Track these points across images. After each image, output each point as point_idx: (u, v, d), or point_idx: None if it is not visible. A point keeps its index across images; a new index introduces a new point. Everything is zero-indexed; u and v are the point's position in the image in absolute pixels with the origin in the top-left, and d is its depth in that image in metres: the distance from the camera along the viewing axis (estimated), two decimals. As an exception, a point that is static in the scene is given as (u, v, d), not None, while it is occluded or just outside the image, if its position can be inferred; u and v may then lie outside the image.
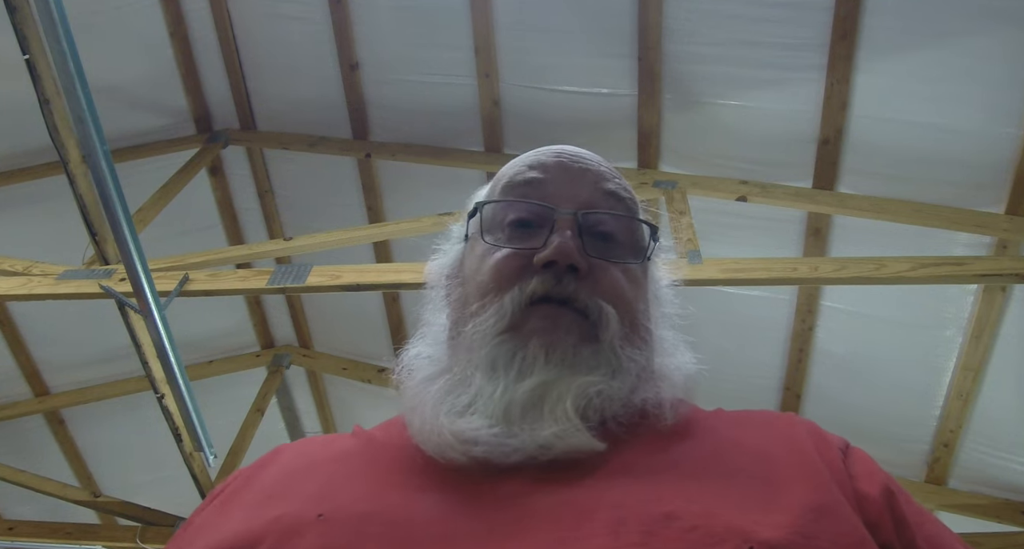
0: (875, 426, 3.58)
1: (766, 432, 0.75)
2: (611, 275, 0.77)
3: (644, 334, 0.78)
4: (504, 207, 0.80)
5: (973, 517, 3.51)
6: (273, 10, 3.62)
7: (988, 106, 2.78)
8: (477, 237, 0.81)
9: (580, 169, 0.81)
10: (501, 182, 0.83)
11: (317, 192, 4.16)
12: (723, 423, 0.77)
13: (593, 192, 0.80)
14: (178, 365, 2.80)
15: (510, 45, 3.37)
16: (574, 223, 0.76)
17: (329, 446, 0.79)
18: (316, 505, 0.66)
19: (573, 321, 0.74)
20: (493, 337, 0.73)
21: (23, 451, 4.56)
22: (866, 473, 0.72)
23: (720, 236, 3.35)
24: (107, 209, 2.43)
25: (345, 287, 2.90)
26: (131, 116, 3.81)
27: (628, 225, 0.81)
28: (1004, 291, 3.03)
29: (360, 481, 0.70)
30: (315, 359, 4.83)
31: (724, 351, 3.77)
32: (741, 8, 2.94)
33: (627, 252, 0.80)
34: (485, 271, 0.77)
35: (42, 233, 3.80)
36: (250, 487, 0.74)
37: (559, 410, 0.68)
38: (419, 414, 0.72)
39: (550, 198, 0.78)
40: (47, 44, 2.21)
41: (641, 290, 0.80)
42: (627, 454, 0.69)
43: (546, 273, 0.74)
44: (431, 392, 0.74)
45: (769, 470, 0.68)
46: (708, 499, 0.63)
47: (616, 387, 0.72)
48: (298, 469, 0.74)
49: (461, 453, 0.67)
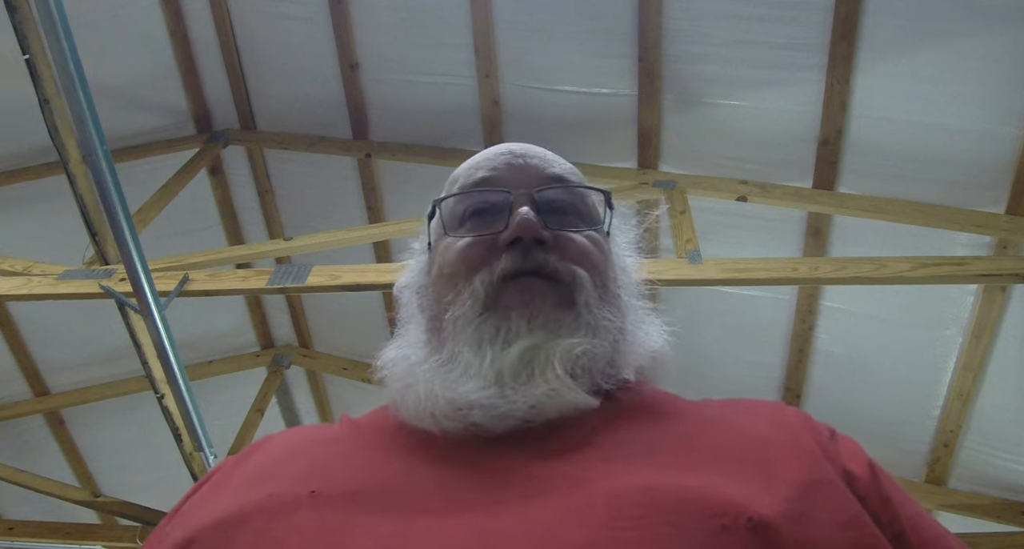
0: (875, 426, 3.58)
1: (756, 415, 0.76)
2: (576, 242, 0.79)
3: (615, 299, 0.81)
4: (461, 200, 0.83)
5: (973, 517, 3.51)
6: (273, 10, 3.62)
7: (988, 106, 2.78)
8: (441, 237, 0.83)
9: (524, 163, 0.84)
10: (455, 185, 0.86)
11: (317, 192, 4.16)
12: (713, 406, 0.79)
13: (543, 175, 0.83)
14: (178, 365, 2.80)
15: (510, 45, 3.37)
16: (531, 200, 0.79)
17: (318, 431, 0.82)
18: (308, 483, 0.67)
19: (548, 288, 0.76)
20: (473, 318, 0.75)
21: (23, 451, 4.56)
22: (852, 453, 0.74)
23: (720, 236, 3.35)
24: (107, 209, 2.43)
25: (345, 287, 2.90)
26: (131, 116, 3.81)
27: (581, 197, 0.84)
28: (1004, 291, 3.03)
29: (352, 459, 0.72)
30: (315, 359, 4.84)
31: (724, 351, 3.77)
32: (741, 8, 2.94)
33: (584, 222, 0.83)
34: (452, 261, 0.79)
35: (42, 233, 3.80)
36: (237, 472, 0.75)
37: (549, 370, 0.70)
38: (413, 391, 0.74)
39: (504, 186, 0.82)
40: (47, 44, 2.22)
41: (607, 257, 0.83)
42: (619, 427, 0.71)
43: (513, 250, 0.76)
44: (423, 370, 0.76)
45: (761, 448, 0.69)
46: (704, 473, 0.64)
47: (598, 345, 0.74)
48: (288, 452, 0.76)
49: (457, 420, 0.69)
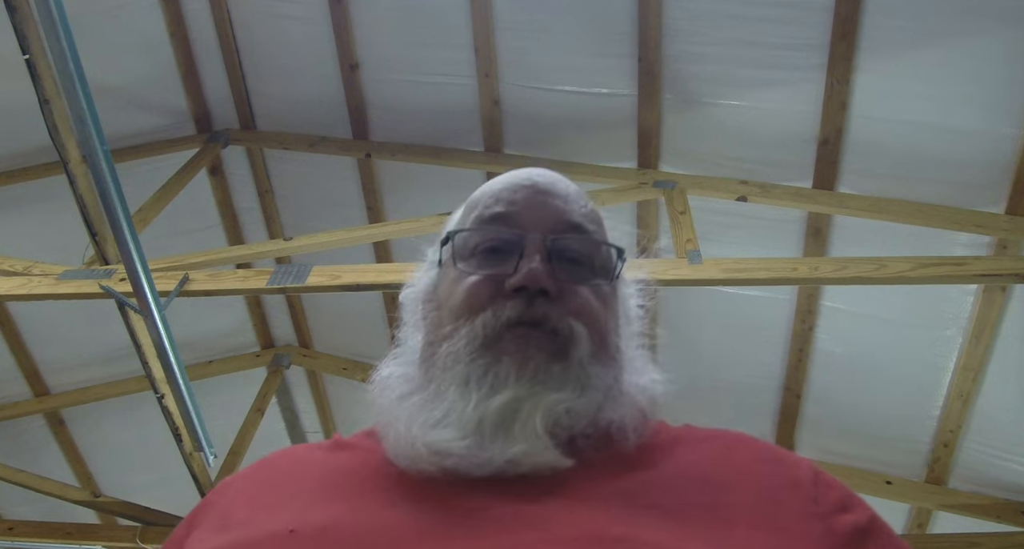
0: (875, 426, 3.59)
1: (728, 460, 0.76)
2: (581, 295, 0.80)
3: (613, 352, 0.82)
4: (475, 234, 0.84)
5: (973, 517, 3.51)
6: (273, 10, 3.62)
7: (988, 106, 2.78)
8: (450, 264, 0.84)
9: (544, 201, 0.84)
10: (473, 213, 0.86)
11: (317, 192, 4.16)
12: (686, 447, 0.79)
13: (560, 220, 0.83)
14: (178, 365, 2.80)
15: (510, 45, 3.37)
16: (543, 247, 0.79)
17: (307, 457, 0.83)
18: (290, 519, 0.69)
19: (544, 340, 0.76)
20: (467, 356, 0.76)
21: (23, 451, 4.56)
22: (840, 506, 0.73)
23: (720, 236, 3.35)
24: (107, 209, 2.43)
25: (345, 287, 2.90)
26: (131, 116, 3.81)
27: (595, 248, 0.84)
28: (1004, 291, 3.03)
29: (333, 494, 0.73)
30: (315, 359, 4.83)
31: (724, 351, 3.77)
32: (741, 8, 2.94)
33: (595, 274, 0.83)
34: (458, 296, 0.80)
35: (42, 233, 3.80)
36: (224, 504, 0.78)
37: (529, 427, 0.70)
38: (393, 429, 0.75)
39: (519, 226, 0.82)
40: (47, 44, 2.22)
41: (611, 309, 0.83)
42: (591, 476, 0.71)
43: (518, 298, 0.77)
44: (405, 407, 0.77)
45: (725, 505, 0.69)
46: (660, 529, 0.65)
47: (584, 404, 0.74)
48: (273, 483, 0.78)
49: (433, 464, 0.70)
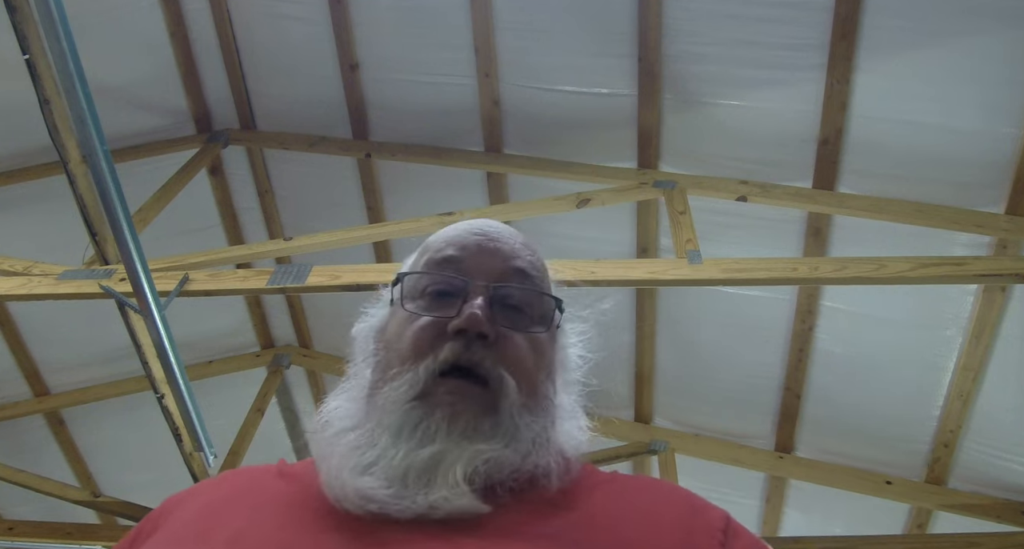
0: (875, 426, 3.59)
1: (645, 505, 0.81)
2: (516, 345, 0.85)
3: (543, 401, 0.86)
4: (425, 278, 0.90)
5: (973, 517, 3.52)
6: (273, 10, 3.62)
7: (988, 106, 2.78)
8: (399, 304, 0.90)
9: (494, 248, 0.90)
10: (424, 256, 0.92)
11: (317, 192, 4.16)
12: (608, 495, 0.83)
13: (505, 268, 0.88)
14: (178, 365, 2.80)
15: (510, 45, 3.37)
16: (486, 293, 0.85)
17: (252, 483, 0.87)
18: (231, 544, 0.74)
19: (475, 395, 0.81)
20: (404, 403, 0.81)
21: (23, 451, 4.56)
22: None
23: (720, 236, 3.35)
24: (107, 209, 2.43)
25: (345, 287, 2.90)
26: (131, 116, 3.81)
27: (536, 298, 0.89)
28: (1004, 291, 3.03)
29: (271, 523, 0.78)
30: (315, 359, 4.83)
31: (724, 351, 3.77)
32: (741, 8, 2.94)
33: (534, 322, 0.88)
34: (406, 339, 0.85)
35: (42, 233, 3.79)
36: (174, 522, 0.83)
37: (450, 476, 0.75)
38: (326, 465, 0.79)
39: (466, 272, 0.87)
40: (47, 44, 2.22)
41: (544, 358, 0.88)
42: (511, 518, 0.76)
43: (457, 340, 0.82)
44: (340, 445, 0.81)
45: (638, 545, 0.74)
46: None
47: (507, 455, 0.78)
48: (212, 507, 0.82)
49: (358, 507, 0.75)
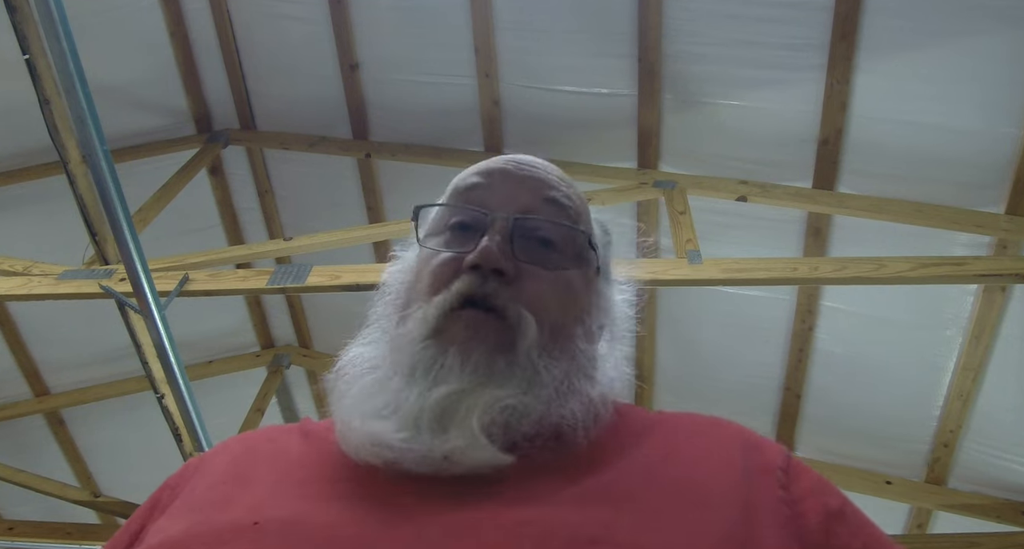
0: (875, 426, 3.59)
1: (697, 448, 0.74)
2: (539, 282, 0.77)
3: (567, 345, 0.78)
4: (446, 210, 0.83)
5: (973, 517, 3.51)
6: (273, 10, 3.62)
7: (988, 106, 2.78)
8: (418, 240, 0.84)
9: (523, 176, 0.82)
10: (450, 188, 0.85)
11: (317, 192, 4.16)
12: (650, 443, 0.76)
13: (533, 198, 0.81)
14: (178, 365, 2.80)
15: (510, 45, 3.37)
16: (506, 227, 0.77)
17: (275, 444, 0.81)
18: (254, 513, 0.68)
19: (490, 329, 0.74)
20: (419, 342, 0.75)
21: (23, 451, 4.56)
22: (809, 492, 0.71)
23: (720, 236, 3.34)
24: (107, 209, 2.43)
25: (345, 287, 2.90)
26: (131, 116, 3.81)
27: (567, 232, 0.81)
28: (1004, 291, 3.03)
29: (295, 487, 0.72)
30: (315, 359, 4.83)
31: (724, 351, 3.77)
32: (741, 8, 2.94)
33: (567, 260, 0.80)
34: (424, 276, 0.79)
35: (42, 233, 3.79)
36: (196, 482, 0.77)
37: (465, 424, 0.68)
38: (338, 414, 0.75)
39: (488, 203, 0.80)
40: (47, 44, 2.21)
41: (574, 301, 0.80)
42: (537, 477, 0.69)
43: (472, 274, 0.76)
44: (352, 393, 0.76)
45: (694, 497, 0.67)
46: (611, 523, 0.64)
47: (527, 403, 0.71)
48: (243, 472, 0.77)
49: (374, 455, 0.69)
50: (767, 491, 0.70)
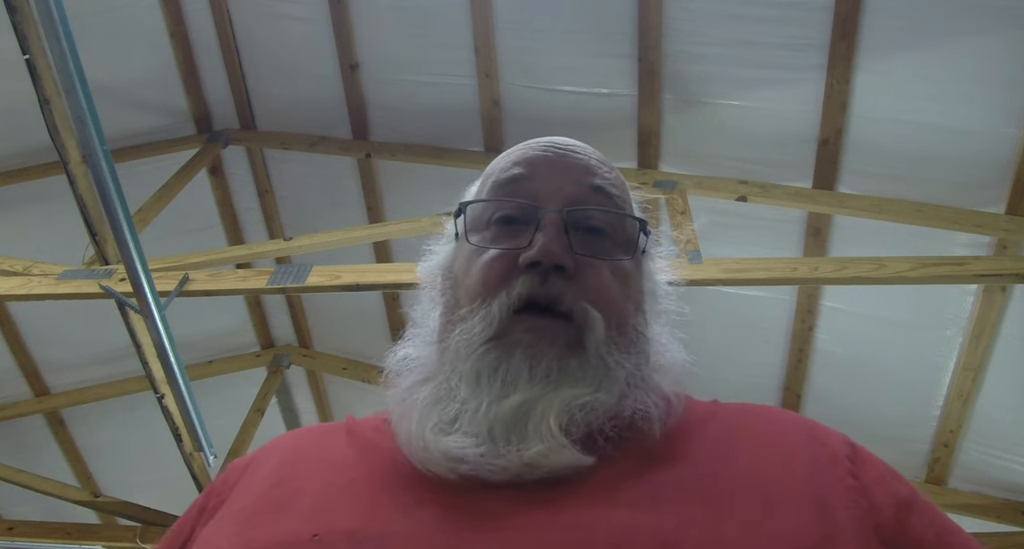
0: (875, 426, 3.58)
1: (762, 441, 0.72)
2: (599, 274, 0.75)
3: (633, 335, 0.77)
4: (490, 205, 0.80)
5: (973, 517, 3.51)
6: (273, 10, 3.62)
7: (988, 106, 2.78)
8: (464, 237, 0.80)
9: (567, 165, 0.79)
10: (489, 179, 0.82)
11: (317, 192, 4.16)
12: (715, 435, 0.74)
13: (580, 187, 0.78)
14: (178, 365, 2.80)
15: (510, 45, 3.37)
16: (560, 220, 0.75)
17: (323, 446, 0.79)
18: (311, 523, 0.66)
19: (558, 330, 0.72)
20: (479, 346, 0.72)
21: (23, 451, 4.56)
22: (879, 480, 0.70)
23: (720, 236, 3.35)
24: (107, 209, 2.43)
25: (345, 287, 2.90)
26: (131, 116, 3.81)
27: (618, 220, 0.79)
28: (1004, 291, 3.03)
29: (353, 495, 0.70)
30: (315, 359, 4.83)
31: (724, 351, 3.77)
32: (741, 8, 2.94)
33: (617, 248, 0.79)
34: (474, 274, 0.76)
35: (42, 233, 3.80)
36: (243, 492, 0.74)
37: (543, 427, 0.67)
38: (405, 425, 0.72)
39: (535, 195, 0.77)
40: (47, 44, 2.21)
41: (631, 288, 0.79)
42: (615, 473, 0.68)
43: (532, 273, 0.73)
44: (417, 401, 0.73)
45: (766, 492, 0.66)
46: (691, 519, 0.62)
47: (601, 399, 0.70)
48: (291, 476, 0.74)
49: (448, 470, 0.67)
50: (837, 483, 0.68)
